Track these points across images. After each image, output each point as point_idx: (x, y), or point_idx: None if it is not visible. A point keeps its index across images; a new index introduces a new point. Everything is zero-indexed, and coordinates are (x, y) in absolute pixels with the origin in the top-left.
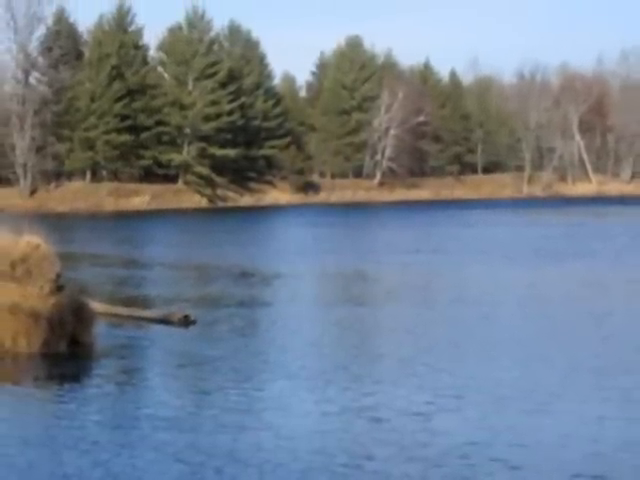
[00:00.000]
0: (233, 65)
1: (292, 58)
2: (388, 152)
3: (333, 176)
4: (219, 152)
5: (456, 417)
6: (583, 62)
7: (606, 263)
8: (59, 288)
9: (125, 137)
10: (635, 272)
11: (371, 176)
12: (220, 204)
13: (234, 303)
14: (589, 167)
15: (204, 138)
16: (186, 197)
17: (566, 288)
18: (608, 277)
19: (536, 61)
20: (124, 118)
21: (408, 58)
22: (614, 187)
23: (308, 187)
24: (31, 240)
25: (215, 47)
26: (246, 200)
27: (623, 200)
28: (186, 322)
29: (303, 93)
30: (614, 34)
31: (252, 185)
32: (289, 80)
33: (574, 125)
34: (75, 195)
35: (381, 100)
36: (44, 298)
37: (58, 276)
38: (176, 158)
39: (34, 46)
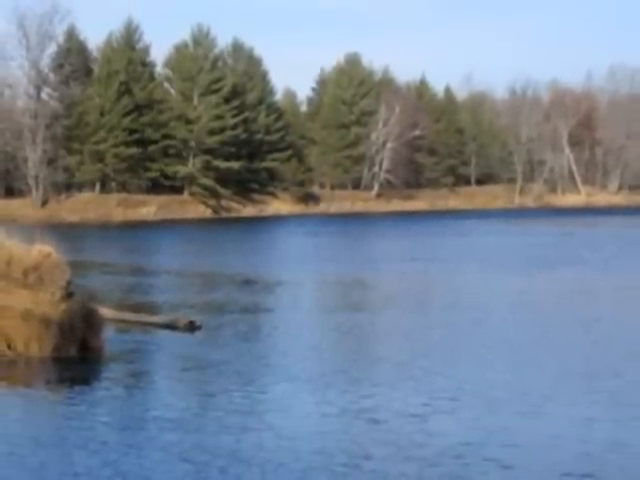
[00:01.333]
0: (237, 81)
1: (293, 74)
2: (385, 164)
3: (332, 187)
4: (223, 164)
5: (451, 418)
6: (572, 78)
7: (595, 271)
8: (69, 295)
9: (133, 150)
10: (622, 279)
11: (369, 187)
12: (224, 214)
13: (238, 309)
14: (578, 179)
15: (209, 151)
16: (191, 208)
17: (557, 295)
18: (597, 284)
19: (527, 77)
20: (132, 132)
21: (405, 74)
22: (602, 198)
23: (308, 198)
24: (43, 249)
25: (219, 64)
26: (249, 211)
27: (611, 210)
28: (191, 327)
29: (304, 108)
30: (602, 51)
31: (255, 196)
32: (290, 95)
33: (564, 139)
34: (85, 206)
35: (379, 115)
36: (55, 304)
37: (68, 283)
38: (182, 170)
39: (45, 63)
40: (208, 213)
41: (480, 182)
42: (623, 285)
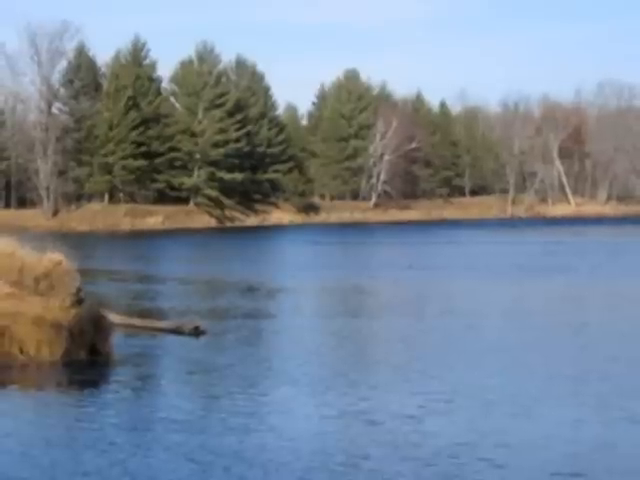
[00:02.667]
0: (240, 96)
1: (294, 89)
2: (383, 176)
3: (332, 198)
4: (227, 176)
5: (446, 420)
6: (562, 93)
7: (583, 278)
8: (79, 301)
9: (140, 162)
10: (610, 286)
11: (367, 198)
12: (228, 224)
13: (241, 315)
14: (568, 190)
15: (213, 163)
16: (197, 217)
17: (547, 301)
18: (585, 291)
19: (519, 92)
20: (139, 145)
21: (401, 90)
22: (591, 208)
23: (309, 208)
24: (53, 257)
25: (223, 79)
26: (252, 220)
27: (599, 220)
28: (197, 332)
29: (304, 122)
30: (591, 67)
31: (257, 206)
32: (291, 110)
33: (554, 151)
34: (94, 216)
35: (376, 128)
36: (66, 310)
37: (78, 290)
38: (187, 182)
39: (56, 78)
40: (213, 223)
41: (474, 193)
42: (610, 292)
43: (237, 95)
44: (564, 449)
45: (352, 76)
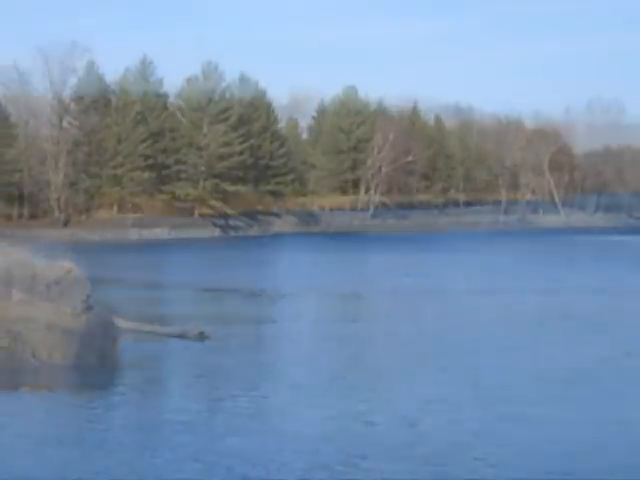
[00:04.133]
0: (243, 111)
1: (295, 105)
2: (380, 188)
3: (331, 209)
4: (231, 188)
5: (442, 421)
6: (553, 109)
7: (574, 284)
8: (89, 308)
9: (148, 174)
10: (600, 293)
11: (365, 209)
12: (232, 234)
13: (244, 320)
14: (558, 201)
15: (218, 175)
16: (202, 228)
17: (538, 306)
18: (575, 297)
19: (512, 108)
20: (147, 158)
21: (398, 104)
22: (580, 219)
23: (309, 218)
24: (64, 265)
25: (227, 95)
26: (255, 230)
27: (588, 231)
28: (201, 337)
29: (305, 135)
30: (581, 85)
31: (260, 217)
32: (293, 124)
33: (545, 164)
34: (103, 226)
35: (374, 142)
36: (76, 316)
37: (88, 297)
38: (193, 193)
39: (67, 94)
40: (217, 232)
41: (468, 204)
42: (600, 297)
43: (240, 110)
44: (556, 448)
45: (351, 92)
